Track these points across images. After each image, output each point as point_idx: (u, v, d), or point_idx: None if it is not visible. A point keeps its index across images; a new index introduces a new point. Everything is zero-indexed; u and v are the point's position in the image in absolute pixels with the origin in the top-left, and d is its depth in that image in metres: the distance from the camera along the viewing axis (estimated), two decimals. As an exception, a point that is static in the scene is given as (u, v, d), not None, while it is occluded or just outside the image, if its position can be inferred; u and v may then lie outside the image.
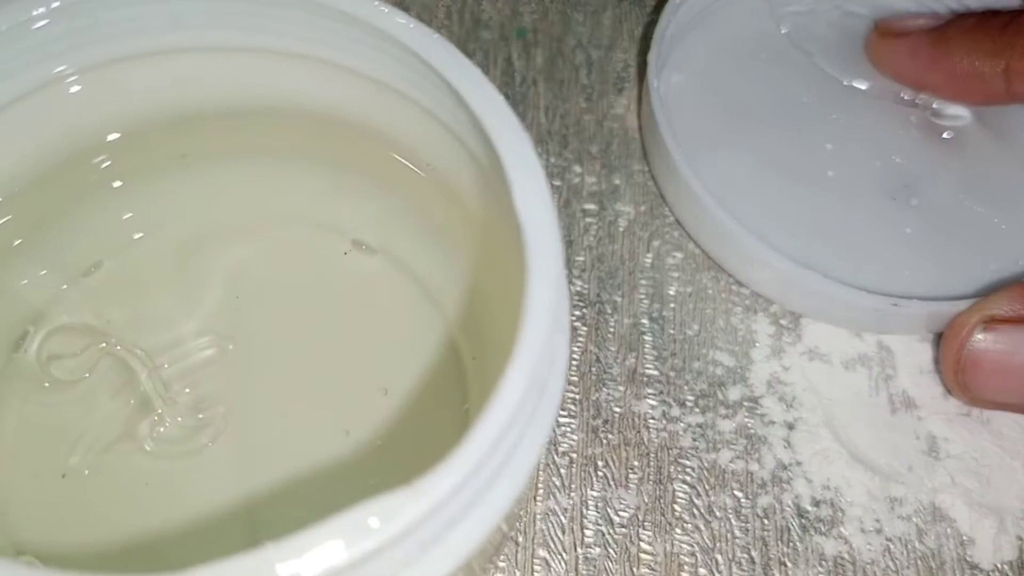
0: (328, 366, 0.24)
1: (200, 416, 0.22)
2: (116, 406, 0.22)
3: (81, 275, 0.24)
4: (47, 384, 0.22)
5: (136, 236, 0.25)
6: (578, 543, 0.27)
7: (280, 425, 0.23)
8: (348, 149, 0.25)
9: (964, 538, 0.28)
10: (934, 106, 0.34)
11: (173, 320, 0.24)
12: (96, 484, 0.22)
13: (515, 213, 0.19)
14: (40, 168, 0.22)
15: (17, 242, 0.23)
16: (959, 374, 0.27)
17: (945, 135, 0.34)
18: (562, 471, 0.28)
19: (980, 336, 0.27)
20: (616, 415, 0.29)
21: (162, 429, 0.22)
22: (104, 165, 0.23)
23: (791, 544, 0.27)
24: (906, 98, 0.35)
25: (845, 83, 0.35)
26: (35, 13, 0.20)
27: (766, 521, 0.28)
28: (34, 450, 0.23)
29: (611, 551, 0.27)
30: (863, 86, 0.35)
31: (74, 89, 0.22)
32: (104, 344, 0.23)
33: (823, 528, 0.28)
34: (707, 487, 0.28)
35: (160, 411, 0.22)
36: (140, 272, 0.24)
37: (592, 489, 0.28)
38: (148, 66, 0.22)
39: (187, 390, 0.23)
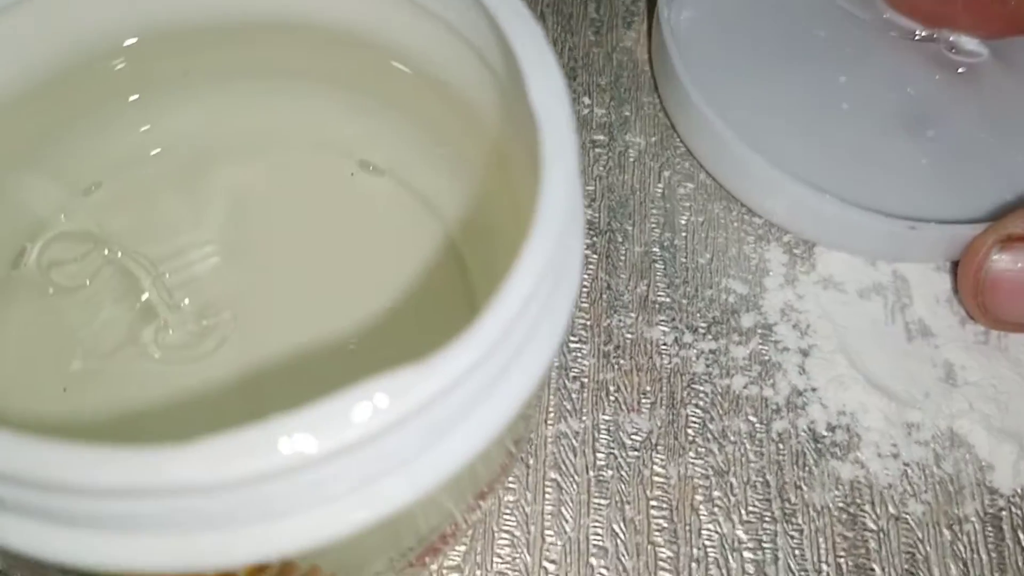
0: (333, 281, 0.24)
1: (204, 323, 0.22)
2: (119, 313, 0.22)
3: (83, 189, 0.23)
4: (51, 290, 0.22)
5: (140, 152, 0.24)
6: (590, 466, 0.26)
7: (286, 335, 0.22)
8: (356, 64, 0.25)
9: (983, 463, 0.28)
10: (951, 39, 0.34)
11: (177, 232, 0.23)
12: (98, 393, 0.21)
13: (530, 108, 0.18)
14: (54, 70, 0.21)
15: (23, 149, 0.22)
16: (979, 296, 0.27)
17: (960, 70, 0.34)
18: (573, 395, 0.27)
19: (998, 256, 0.26)
20: (628, 341, 0.28)
21: (167, 335, 0.22)
22: (118, 68, 0.23)
23: (807, 468, 0.27)
24: (922, 35, 0.34)
25: (860, 18, 0.34)
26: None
27: (781, 446, 0.27)
28: (35, 362, 0.22)
29: (623, 474, 0.26)
30: (878, 22, 0.34)
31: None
32: (107, 251, 0.22)
33: (839, 453, 0.27)
34: (720, 412, 0.28)
35: (164, 318, 0.22)
36: (143, 186, 0.24)
37: (604, 413, 0.27)
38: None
39: (190, 298, 0.22)
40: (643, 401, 0.28)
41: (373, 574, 0.20)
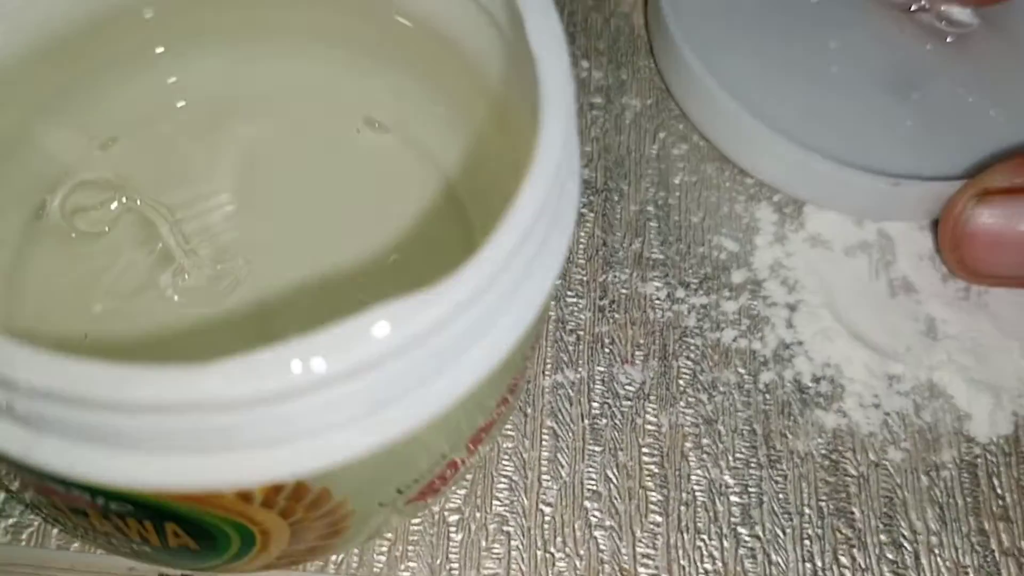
0: (340, 229, 0.25)
1: (219, 267, 0.23)
2: (138, 257, 0.23)
3: (106, 139, 0.24)
4: (73, 235, 0.23)
5: (166, 103, 0.25)
6: (585, 414, 0.28)
7: (296, 278, 0.24)
8: (362, 20, 0.25)
9: (961, 413, 0.29)
10: (943, 9, 0.35)
11: (193, 182, 0.24)
12: (119, 334, 0.23)
13: (529, 50, 0.19)
14: (84, 19, 0.22)
15: (48, 99, 0.23)
16: (957, 250, 0.28)
17: (949, 39, 0.34)
18: (570, 347, 0.29)
19: (974, 210, 0.27)
20: (622, 296, 0.29)
21: (184, 279, 0.23)
22: (147, 16, 0.24)
23: (792, 417, 0.28)
24: (916, 7, 0.35)
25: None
26: None
27: (768, 396, 0.28)
28: (59, 305, 0.23)
29: (617, 422, 0.28)
30: None
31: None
32: (125, 199, 0.23)
33: (823, 403, 0.28)
34: (711, 364, 0.29)
35: (181, 262, 0.23)
36: (162, 138, 0.25)
37: (599, 365, 0.28)
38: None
39: (206, 244, 0.23)
40: (636, 353, 0.29)
41: (378, 504, 0.21)
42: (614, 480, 0.27)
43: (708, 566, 0.26)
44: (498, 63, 0.23)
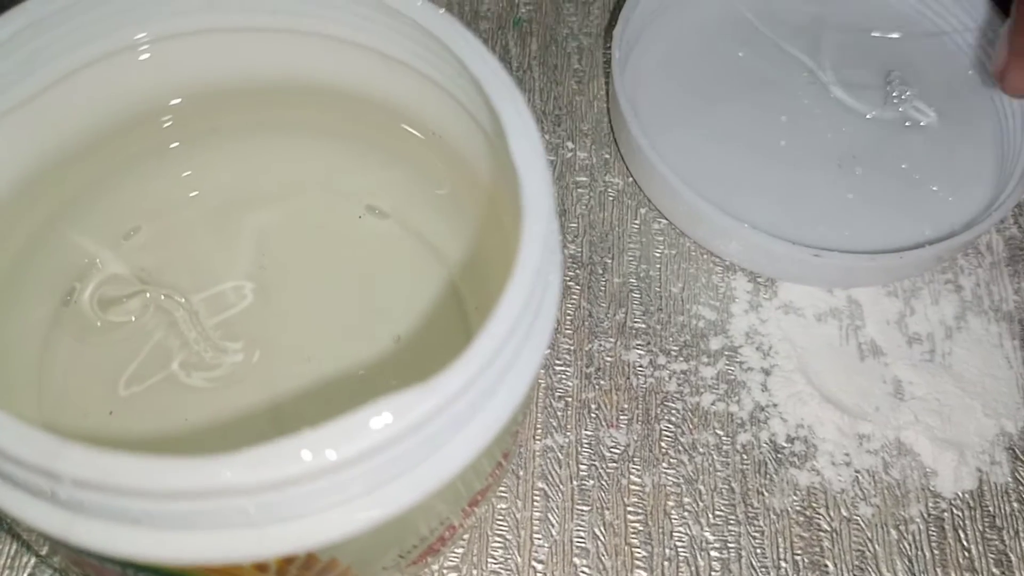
0: (346, 317, 0.27)
1: (234, 353, 0.25)
2: (159, 345, 0.25)
3: (128, 231, 0.26)
4: (99, 324, 0.25)
5: (180, 194, 0.28)
6: (573, 476, 0.30)
7: (304, 363, 0.26)
8: (363, 122, 0.28)
9: (927, 470, 0.31)
10: (914, 104, 0.37)
11: (210, 273, 0.26)
12: (142, 416, 0.25)
13: (511, 160, 0.21)
14: (109, 127, 0.25)
15: (75, 197, 0.25)
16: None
17: (907, 123, 0.36)
18: (559, 413, 0.31)
19: None
20: (607, 363, 0.32)
21: (201, 363, 0.25)
22: (166, 125, 0.26)
23: (768, 476, 0.30)
24: (865, 83, 0.37)
25: (809, 64, 0.38)
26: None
27: (745, 456, 0.30)
28: (85, 388, 0.25)
29: (604, 483, 0.30)
30: (826, 68, 0.37)
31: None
32: (149, 294, 0.25)
33: (797, 462, 0.30)
34: (691, 426, 0.31)
35: (198, 349, 0.25)
36: (179, 233, 0.27)
37: (586, 429, 0.30)
38: (191, 42, 0.24)
39: (222, 330, 0.26)
40: (621, 417, 0.31)
41: (382, 569, 0.23)
42: (601, 538, 0.29)
43: (690, 619, 0.28)
44: (489, 164, 0.25)
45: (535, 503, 0.29)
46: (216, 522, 0.18)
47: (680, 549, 0.29)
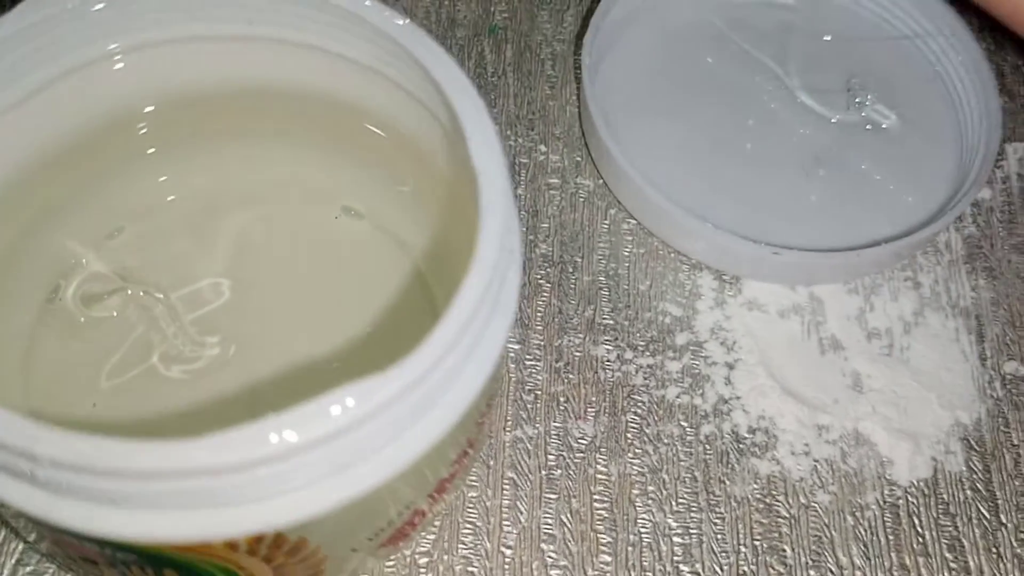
0: (320, 311, 0.28)
1: (211, 346, 0.26)
2: (140, 339, 0.26)
3: (109, 232, 0.28)
4: (82, 319, 0.26)
5: (158, 198, 0.29)
6: (542, 466, 0.31)
7: (279, 355, 0.27)
8: (331, 125, 0.29)
9: (884, 459, 0.32)
10: (871, 108, 0.38)
11: (189, 272, 0.28)
12: (123, 407, 0.26)
13: (470, 160, 0.23)
14: (86, 134, 0.26)
15: (56, 201, 0.27)
16: None
17: (868, 127, 0.38)
18: (528, 406, 0.32)
19: None
20: (576, 358, 0.33)
21: (180, 356, 0.26)
22: (142, 132, 0.27)
23: (729, 465, 0.31)
24: (830, 88, 0.38)
25: (776, 70, 0.39)
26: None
27: (708, 446, 0.32)
28: (69, 381, 0.27)
29: (571, 472, 0.31)
30: (792, 74, 0.39)
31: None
32: (130, 290, 0.27)
33: (758, 452, 0.32)
34: (656, 418, 0.32)
35: (177, 343, 0.26)
36: (158, 234, 0.28)
37: (555, 421, 0.32)
38: (163, 52, 0.26)
39: (200, 325, 0.27)
40: (589, 410, 0.32)
41: (351, 550, 0.24)
42: (568, 524, 0.30)
43: (652, 602, 0.29)
44: (451, 162, 0.26)
45: (504, 491, 0.30)
46: (188, 502, 0.20)
47: (644, 535, 0.30)
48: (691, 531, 0.30)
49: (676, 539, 0.30)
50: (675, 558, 0.30)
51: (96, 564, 0.23)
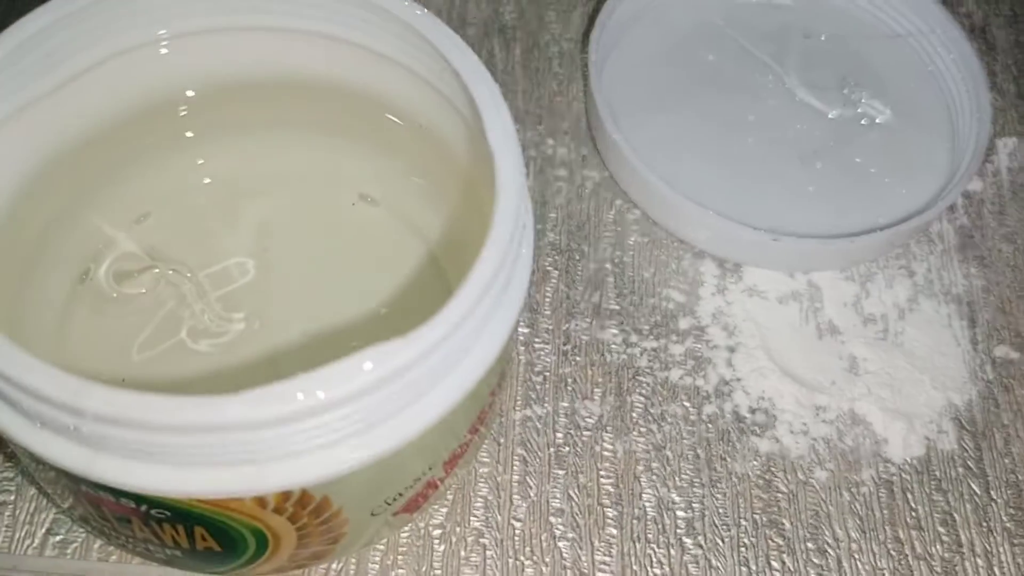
0: (339, 291, 0.30)
1: (237, 322, 0.28)
2: (169, 314, 0.28)
3: (141, 214, 0.29)
4: (114, 295, 0.28)
5: (187, 187, 0.30)
6: (551, 443, 0.32)
7: (301, 331, 0.28)
8: (354, 115, 0.30)
9: (879, 438, 0.33)
10: (864, 101, 0.39)
11: (216, 252, 0.29)
12: (153, 379, 0.27)
13: (488, 145, 0.24)
14: (124, 116, 0.27)
15: (92, 182, 0.28)
16: None
17: (863, 122, 0.39)
18: (537, 386, 0.33)
19: None
20: (583, 341, 0.34)
21: (207, 331, 0.27)
22: (183, 114, 0.29)
23: (731, 443, 0.33)
24: (827, 85, 0.40)
25: (775, 68, 0.40)
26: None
27: (710, 426, 0.33)
28: (99, 356, 0.28)
29: (578, 450, 0.32)
30: (791, 72, 0.40)
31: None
32: (158, 268, 0.28)
33: (758, 431, 0.33)
34: (660, 399, 0.33)
35: (205, 318, 0.28)
36: (188, 216, 0.30)
37: (563, 401, 0.33)
38: (205, 40, 0.27)
39: (226, 302, 0.28)
40: (595, 391, 0.33)
41: (370, 513, 0.26)
42: (575, 499, 0.31)
43: (657, 571, 0.30)
44: (467, 149, 0.28)
45: (515, 467, 0.31)
46: (222, 458, 0.21)
47: (648, 509, 0.31)
48: (694, 505, 0.31)
49: (679, 513, 0.31)
50: (678, 531, 0.31)
51: (130, 523, 0.24)
